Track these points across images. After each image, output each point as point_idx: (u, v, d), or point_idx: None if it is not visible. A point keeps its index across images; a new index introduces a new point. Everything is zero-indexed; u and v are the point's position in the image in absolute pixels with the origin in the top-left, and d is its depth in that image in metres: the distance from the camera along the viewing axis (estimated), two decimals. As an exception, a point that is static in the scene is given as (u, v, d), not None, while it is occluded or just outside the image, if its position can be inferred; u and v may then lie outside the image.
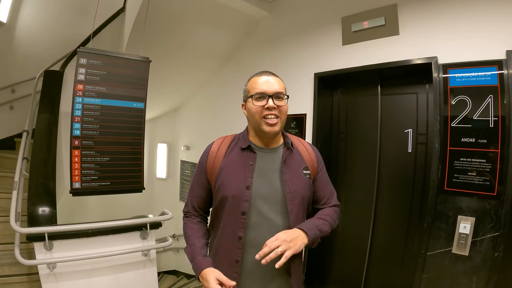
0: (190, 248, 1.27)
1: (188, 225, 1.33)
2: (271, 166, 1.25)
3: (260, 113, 1.20)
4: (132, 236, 2.27)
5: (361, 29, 2.33)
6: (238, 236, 1.18)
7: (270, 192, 1.21)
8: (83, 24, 3.81)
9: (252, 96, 1.22)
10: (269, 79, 1.23)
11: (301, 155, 1.31)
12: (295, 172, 1.25)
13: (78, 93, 2.28)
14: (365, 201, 2.46)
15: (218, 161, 1.27)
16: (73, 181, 2.26)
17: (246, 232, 1.19)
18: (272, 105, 1.18)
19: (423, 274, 1.94)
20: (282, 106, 1.21)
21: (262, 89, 1.20)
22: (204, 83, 4.26)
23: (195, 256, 1.23)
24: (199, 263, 1.19)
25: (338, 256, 2.68)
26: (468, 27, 1.86)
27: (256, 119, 1.22)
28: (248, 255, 1.19)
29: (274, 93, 1.20)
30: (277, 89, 1.21)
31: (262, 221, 1.19)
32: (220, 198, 1.23)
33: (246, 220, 1.18)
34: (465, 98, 1.83)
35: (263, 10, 3.06)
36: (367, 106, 2.51)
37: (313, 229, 1.18)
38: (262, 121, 1.20)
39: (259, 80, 1.23)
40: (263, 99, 1.20)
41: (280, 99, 1.21)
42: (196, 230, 1.31)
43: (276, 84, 1.22)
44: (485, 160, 1.76)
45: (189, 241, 1.29)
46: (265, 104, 1.19)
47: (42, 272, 1.94)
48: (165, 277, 4.96)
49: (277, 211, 1.21)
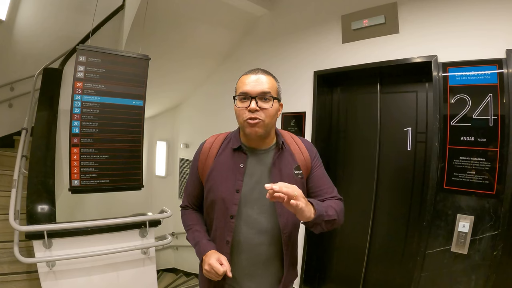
0: (193, 233, 1.26)
1: (187, 215, 1.33)
2: (261, 168, 1.20)
3: (242, 115, 1.14)
4: (131, 234, 2.27)
5: (361, 27, 2.32)
6: (226, 240, 1.16)
7: (259, 195, 1.16)
8: (83, 22, 3.80)
9: (236, 96, 1.17)
10: (257, 78, 1.14)
11: (293, 155, 1.25)
12: (285, 173, 1.19)
13: (77, 91, 2.27)
14: (365, 200, 2.46)
15: (209, 161, 1.25)
16: (72, 179, 2.26)
17: (234, 236, 1.17)
18: (254, 107, 1.11)
19: (422, 272, 1.95)
20: (267, 109, 1.12)
21: (246, 89, 1.13)
22: (203, 81, 4.26)
23: (200, 239, 1.21)
24: (204, 245, 1.18)
25: (337, 254, 2.69)
26: (468, 25, 1.85)
27: (239, 120, 1.17)
28: (240, 259, 1.18)
29: (258, 94, 1.12)
30: (262, 89, 1.12)
31: (251, 225, 1.17)
32: (210, 200, 1.22)
33: (234, 223, 1.16)
34: (464, 96, 1.83)
35: (263, 7, 3.05)
36: (367, 104, 2.51)
37: (320, 207, 1.09)
38: (245, 123, 1.14)
39: (246, 79, 1.16)
40: (246, 100, 1.13)
41: (266, 101, 1.13)
42: (197, 218, 1.31)
43: (263, 84, 1.13)
44: (485, 159, 1.75)
45: (191, 228, 1.28)
46: (248, 106, 1.12)
47: (41, 270, 1.94)
48: (164, 274, 4.97)
49: (267, 215, 1.18)
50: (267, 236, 1.18)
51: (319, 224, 1.10)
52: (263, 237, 1.18)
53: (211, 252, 1.14)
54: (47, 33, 4.08)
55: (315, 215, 1.05)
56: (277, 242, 1.20)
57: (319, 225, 1.10)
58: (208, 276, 1.12)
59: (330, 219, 1.12)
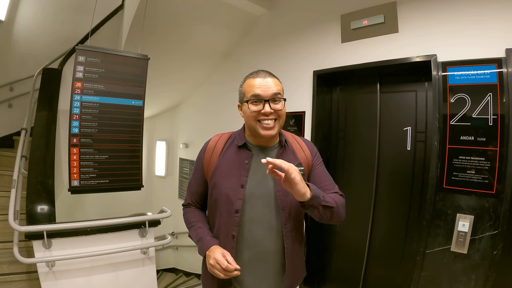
0: (195, 230, 1.26)
1: (190, 213, 1.34)
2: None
3: (255, 117, 1.17)
4: (131, 234, 2.27)
5: (360, 26, 2.32)
6: (232, 235, 1.17)
7: (264, 191, 1.20)
8: (82, 22, 3.79)
9: (248, 100, 1.18)
10: (266, 81, 1.18)
11: (295, 153, 1.28)
12: None
13: (76, 91, 2.27)
14: (364, 199, 2.46)
15: (214, 159, 1.27)
16: (71, 179, 2.26)
17: (239, 230, 1.18)
18: (269, 110, 1.15)
19: (422, 272, 1.94)
20: (279, 110, 1.18)
21: (258, 93, 1.16)
22: (203, 81, 4.26)
23: (204, 236, 1.22)
24: (208, 241, 1.18)
25: (337, 253, 2.69)
26: (468, 25, 1.85)
27: (251, 123, 1.19)
28: (243, 254, 1.19)
29: (271, 97, 1.16)
30: (273, 91, 1.16)
31: (255, 220, 1.19)
32: (215, 196, 1.23)
33: (239, 218, 1.17)
34: (464, 96, 1.82)
35: (262, 7, 3.05)
36: (366, 104, 2.51)
37: (316, 190, 1.11)
38: (258, 125, 1.17)
39: (254, 82, 1.18)
40: (259, 103, 1.17)
41: (277, 102, 1.17)
42: (199, 216, 1.32)
43: (272, 87, 1.17)
44: (484, 158, 1.75)
45: (193, 225, 1.28)
46: (262, 109, 1.15)
47: (41, 270, 1.94)
48: (164, 274, 4.97)
49: (271, 209, 1.20)
50: (271, 232, 1.20)
51: (316, 208, 1.09)
52: (267, 233, 1.19)
53: (214, 247, 1.15)
54: (46, 33, 4.08)
55: (311, 195, 1.06)
56: (281, 238, 1.21)
57: (317, 209, 1.10)
58: (211, 272, 1.11)
59: (328, 205, 1.11)
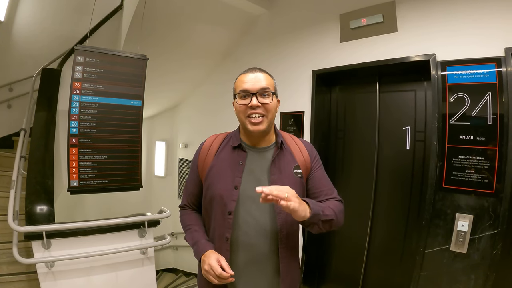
0: (191, 233, 1.26)
1: (186, 215, 1.34)
2: (261, 166, 1.22)
3: (244, 112, 1.17)
4: (130, 234, 2.26)
5: (359, 26, 2.32)
6: (225, 237, 1.16)
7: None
8: (81, 22, 3.80)
9: (236, 94, 1.20)
10: (255, 76, 1.18)
11: (293, 154, 1.26)
12: (284, 172, 1.21)
13: (75, 91, 2.27)
14: (363, 199, 2.46)
15: (208, 159, 1.26)
16: (70, 179, 2.25)
17: (233, 232, 1.16)
18: (256, 103, 1.15)
19: (422, 272, 1.94)
20: (267, 104, 1.17)
21: (246, 87, 1.17)
22: (202, 81, 4.25)
23: (199, 239, 1.21)
24: (203, 245, 1.18)
25: (337, 254, 2.69)
26: (467, 24, 1.85)
27: (241, 118, 1.20)
28: (237, 256, 1.18)
29: (258, 91, 1.16)
30: (261, 85, 1.16)
31: (249, 222, 1.17)
32: (209, 197, 1.22)
33: (232, 220, 1.16)
34: (463, 95, 1.82)
35: (261, 7, 3.05)
36: (365, 103, 2.51)
37: (316, 206, 1.09)
38: (246, 120, 1.17)
39: (244, 78, 1.19)
40: (247, 97, 1.17)
41: (266, 96, 1.17)
42: (195, 219, 1.32)
43: (261, 81, 1.17)
44: (484, 157, 1.75)
45: (190, 228, 1.28)
46: (249, 103, 1.15)
47: (40, 271, 1.94)
48: (164, 275, 4.97)
49: (265, 212, 1.18)
50: (265, 234, 1.18)
51: (316, 224, 1.10)
52: (261, 235, 1.17)
53: (209, 252, 1.14)
54: (45, 33, 4.08)
55: (311, 214, 1.05)
56: (276, 241, 1.19)
57: (316, 225, 1.10)
58: (206, 277, 1.12)
59: (327, 219, 1.12)
